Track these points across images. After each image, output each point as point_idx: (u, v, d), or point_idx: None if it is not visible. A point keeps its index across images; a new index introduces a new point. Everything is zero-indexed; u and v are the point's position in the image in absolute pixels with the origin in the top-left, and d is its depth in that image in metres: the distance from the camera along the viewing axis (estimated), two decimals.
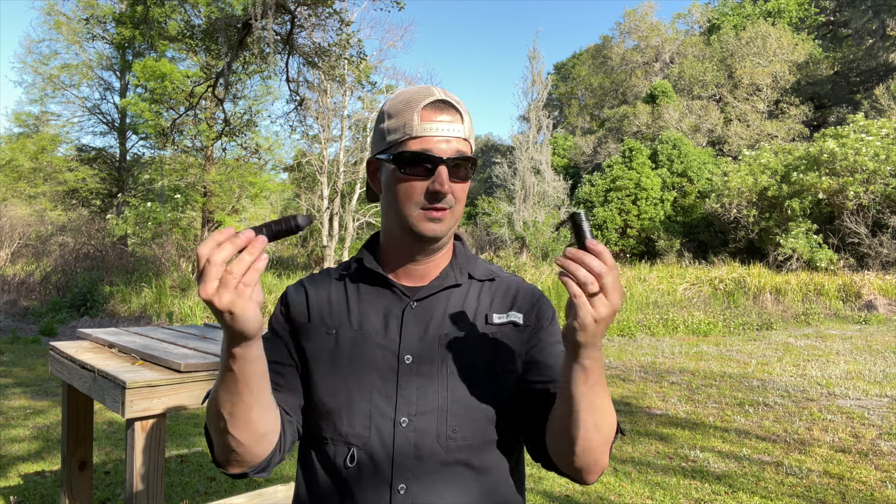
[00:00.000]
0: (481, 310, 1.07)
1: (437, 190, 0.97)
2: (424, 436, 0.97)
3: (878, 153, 17.32)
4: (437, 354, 1.01)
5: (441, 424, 0.98)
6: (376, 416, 0.98)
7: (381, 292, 1.06)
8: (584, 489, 3.74)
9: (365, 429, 0.98)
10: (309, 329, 1.05)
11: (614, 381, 6.80)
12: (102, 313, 11.67)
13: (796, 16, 33.19)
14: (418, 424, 0.98)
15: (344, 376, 1.00)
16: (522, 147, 26.91)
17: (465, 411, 0.99)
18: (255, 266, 0.78)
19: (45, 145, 20.62)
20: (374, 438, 0.97)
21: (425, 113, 0.99)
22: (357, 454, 0.98)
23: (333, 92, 21.03)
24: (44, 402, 5.72)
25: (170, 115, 16.33)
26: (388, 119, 1.02)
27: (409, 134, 0.98)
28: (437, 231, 1.00)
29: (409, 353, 1.00)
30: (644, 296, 13.36)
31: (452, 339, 1.02)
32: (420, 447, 0.97)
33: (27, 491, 3.63)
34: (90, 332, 2.81)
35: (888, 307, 12.57)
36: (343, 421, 0.99)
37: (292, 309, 1.07)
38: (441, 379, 1.00)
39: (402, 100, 1.01)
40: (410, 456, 0.97)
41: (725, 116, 28.99)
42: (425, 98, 0.99)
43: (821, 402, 5.77)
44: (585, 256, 0.83)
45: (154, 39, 13.96)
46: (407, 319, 1.03)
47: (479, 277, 1.10)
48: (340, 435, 0.99)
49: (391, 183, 1.02)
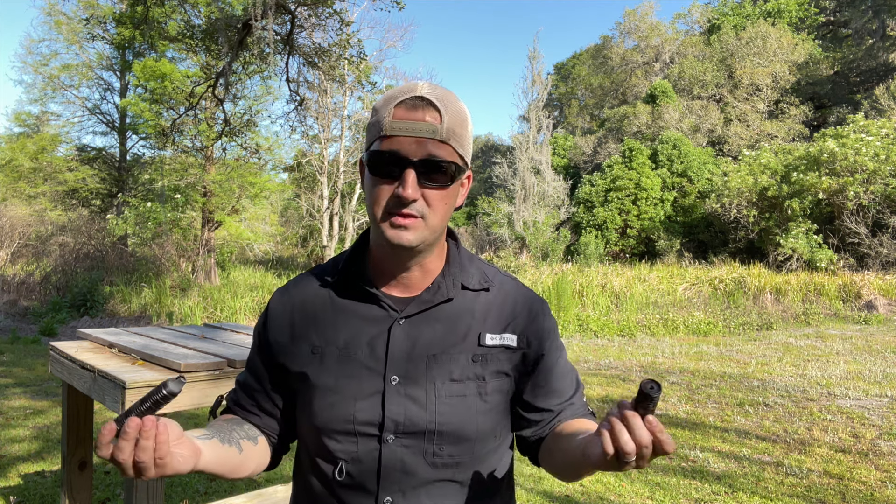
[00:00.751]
0: (474, 329, 1.01)
1: (399, 195, 0.90)
2: (411, 452, 0.96)
3: (878, 153, 17.32)
4: (425, 375, 0.97)
5: (427, 443, 0.96)
6: (361, 435, 0.96)
7: (368, 306, 1.01)
8: (584, 489, 3.75)
9: (352, 444, 0.96)
10: (292, 349, 1.02)
11: (614, 381, 6.80)
12: (102, 313, 11.67)
13: (796, 16, 33.20)
14: (405, 441, 0.96)
15: (329, 395, 0.97)
16: (522, 147, 26.92)
17: (452, 431, 0.96)
18: (160, 440, 0.76)
19: (45, 145, 20.61)
20: (362, 454, 0.96)
21: (398, 111, 0.91)
22: (346, 467, 0.97)
23: (333, 92, 21.03)
24: (44, 402, 5.72)
25: (170, 115, 16.32)
26: (372, 116, 0.97)
27: (379, 133, 0.92)
28: (402, 239, 0.92)
29: (396, 374, 0.97)
30: (644, 296, 13.36)
31: (441, 359, 0.98)
32: (406, 463, 0.96)
33: (27, 491, 3.63)
34: (90, 332, 2.81)
35: (888, 307, 12.57)
36: (330, 438, 0.97)
37: (273, 327, 1.04)
38: (428, 400, 0.96)
39: (386, 96, 0.95)
40: (397, 470, 0.96)
41: (725, 116, 28.99)
42: (403, 94, 0.92)
43: (821, 402, 5.77)
44: (637, 427, 0.74)
45: (154, 40, 13.96)
46: (394, 338, 0.98)
47: (473, 287, 1.03)
48: (328, 450, 0.98)
49: (365, 185, 0.97)
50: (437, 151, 0.91)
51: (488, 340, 1.00)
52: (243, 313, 11.15)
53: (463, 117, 0.95)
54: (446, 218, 0.97)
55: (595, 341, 9.82)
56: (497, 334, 1.01)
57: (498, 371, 1.01)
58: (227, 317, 10.93)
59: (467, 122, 0.97)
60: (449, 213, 0.97)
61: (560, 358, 1.08)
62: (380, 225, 0.93)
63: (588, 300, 12.83)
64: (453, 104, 0.94)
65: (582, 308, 12.34)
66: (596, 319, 11.13)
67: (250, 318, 11.16)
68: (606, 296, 13.16)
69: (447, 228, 1.05)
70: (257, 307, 11.44)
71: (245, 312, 11.20)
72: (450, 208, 0.96)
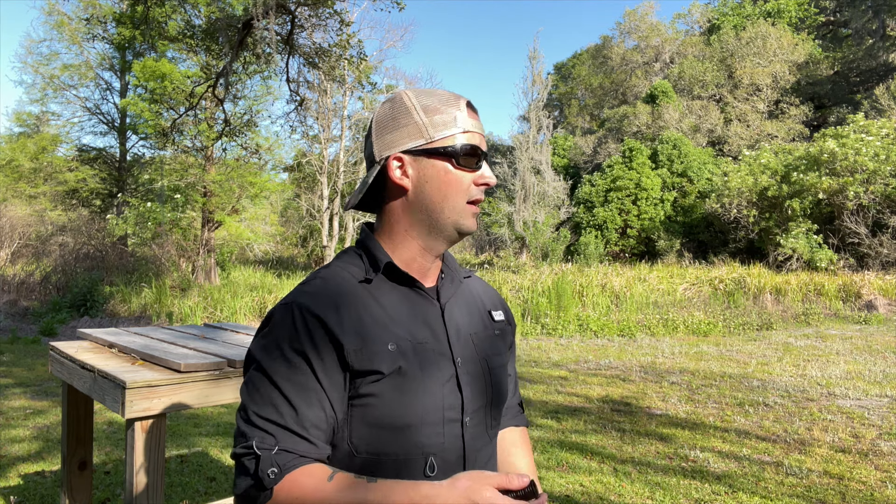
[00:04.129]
0: (483, 307, 1.14)
1: (487, 183, 1.03)
2: (479, 429, 1.05)
3: (878, 153, 17.32)
4: (474, 353, 1.06)
5: (487, 416, 1.07)
6: (448, 422, 0.99)
7: (409, 295, 1.03)
8: (584, 489, 3.74)
9: (440, 436, 0.98)
10: (363, 346, 0.94)
11: (614, 381, 6.80)
12: (102, 313, 11.67)
13: (796, 16, 33.19)
14: (475, 419, 1.04)
15: (414, 388, 0.96)
16: (522, 147, 26.91)
17: (500, 403, 1.10)
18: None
19: (45, 145, 20.61)
20: (449, 442, 0.99)
21: (469, 111, 1.03)
22: (435, 462, 0.97)
23: (333, 92, 21.04)
24: (44, 402, 5.72)
25: (170, 116, 16.32)
26: (426, 114, 1.00)
27: (462, 128, 1.01)
28: (475, 226, 1.05)
29: (459, 356, 1.03)
30: (644, 296, 13.36)
31: (480, 337, 1.09)
32: (477, 439, 1.04)
33: (27, 491, 3.63)
34: (90, 332, 2.81)
35: (888, 307, 12.57)
36: (420, 432, 0.96)
37: (333, 327, 0.94)
38: (484, 376, 1.06)
39: (439, 98, 1.02)
40: (475, 449, 1.03)
41: (725, 116, 28.99)
42: (457, 98, 1.03)
43: (821, 402, 5.77)
44: None
45: (154, 40, 13.96)
46: (448, 321, 1.05)
47: (464, 274, 1.17)
48: (416, 447, 0.96)
49: (438, 175, 1.00)
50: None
51: (495, 316, 1.15)
52: (243, 313, 11.14)
53: None
54: None
55: (595, 341, 9.82)
56: (496, 311, 1.16)
57: (506, 345, 1.16)
58: (227, 317, 10.92)
59: None
60: None
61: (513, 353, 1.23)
62: (458, 213, 1.02)
63: (588, 300, 12.83)
64: None
65: (582, 308, 12.34)
66: (596, 319, 11.12)
67: (250, 318, 11.16)
68: (606, 296, 13.16)
69: None
70: (257, 307, 11.42)
71: (245, 312, 11.20)
72: None
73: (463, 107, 1.02)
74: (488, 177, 1.02)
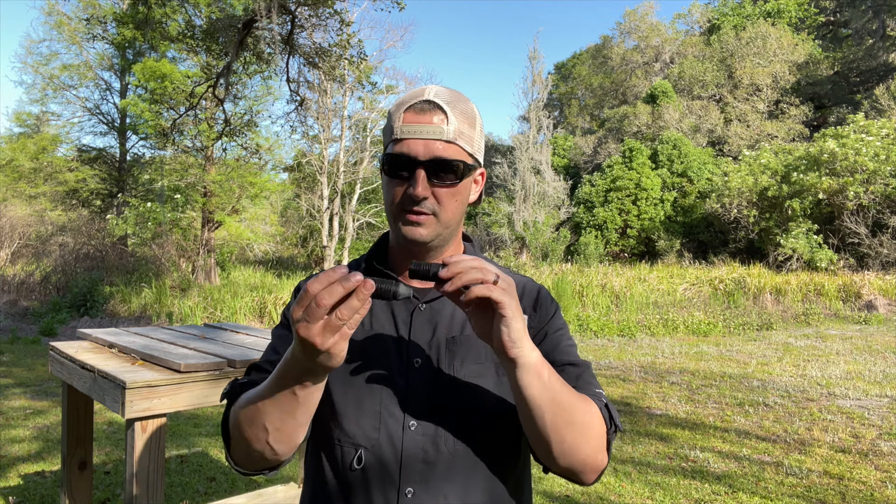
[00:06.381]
0: None
1: (410, 194, 0.95)
2: (433, 439, 0.96)
3: (878, 153, 17.32)
4: (446, 358, 1.00)
5: (450, 428, 0.97)
6: (386, 418, 0.97)
7: None
8: (584, 489, 3.74)
9: (374, 430, 0.96)
10: None
11: (614, 381, 6.80)
12: (102, 313, 11.68)
13: (796, 16, 33.19)
14: (427, 429, 0.96)
15: (355, 376, 0.99)
16: (522, 147, 26.92)
17: (474, 415, 0.98)
18: (361, 312, 0.75)
19: (45, 145, 20.61)
20: (384, 440, 0.96)
21: (407, 115, 0.97)
22: (365, 456, 0.96)
23: (333, 92, 21.04)
24: (44, 402, 5.72)
25: (170, 116, 16.32)
26: (386, 121, 1.02)
27: (392, 136, 0.98)
28: (416, 235, 0.97)
29: (419, 357, 0.99)
30: (644, 296, 13.36)
31: (460, 342, 1.01)
32: (428, 451, 0.96)
33: (27, 491, 3.63)
34: (90, 332, 2.81)
35: (888, 307, 12.57)
36: (352, 421, 0.97)
37: None
38: (450, 383, 0.98)
39: (397, 101, 1.01)
40: (419, 459, 0.95)
41: (725, 116, 28.99)
42: (412, 99, 0.98)
43: (821, 402, 5.77)
44: (459, 266, 0.83)
45: (155, 40, 13.97)
46: (416, 322, 1.02)
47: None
48: (349, 436, 0.97)
49: (382, 186, 1.03)
50: (445, 151, 0.96)
51: None
52: (243, 313, 11.14)
53: (471, 117, 1.00)
54: (458, 214, 1.01)
55: (595, 341, 9.82)
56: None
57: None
58: (227, 317, 10.92)
59: (476, 121, 1.02)
60: (461, 209, 1.02)
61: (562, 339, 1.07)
62: (395, 222, 0.99)
63: (588, 300, 12.83)
64: (460, 105, 0.99)
65: (582, 308, 12.34)
66: (596, 319, 11.12)
67: (250, 318, 11.16)
68: (606, 296, 13.16)
69: (463, 232, 1.11)
70: (257, 307, 11.42)
71: (245, 312, 11.20)
72: (461, 205, 1.01)
73: (401, 112, 0.97)
74: (410, 190, 0.95)
